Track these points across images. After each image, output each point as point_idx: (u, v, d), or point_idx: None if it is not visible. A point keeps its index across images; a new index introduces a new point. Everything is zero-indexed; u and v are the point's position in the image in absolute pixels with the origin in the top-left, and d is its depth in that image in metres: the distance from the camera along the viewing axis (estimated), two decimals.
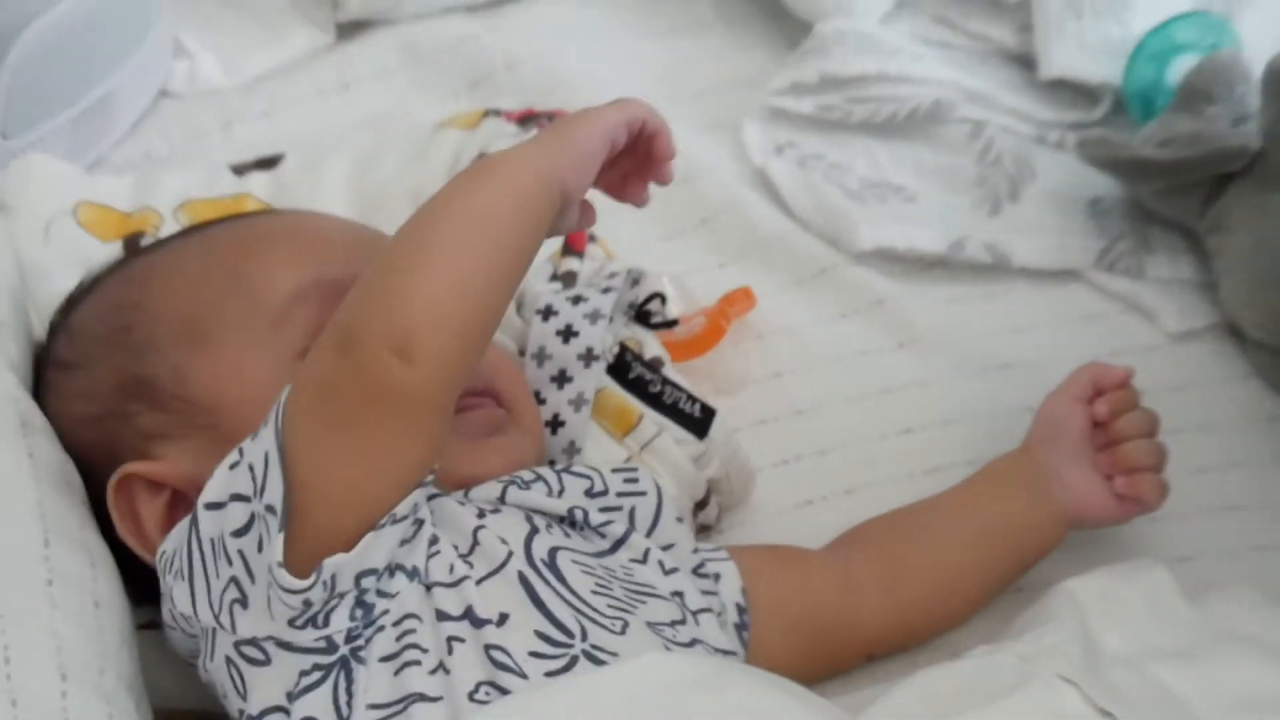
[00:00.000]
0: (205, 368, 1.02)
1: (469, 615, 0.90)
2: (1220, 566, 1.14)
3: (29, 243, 1.19)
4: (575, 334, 1.13)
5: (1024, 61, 1.42)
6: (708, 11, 1.46)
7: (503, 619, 0.91)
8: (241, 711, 0.91)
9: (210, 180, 1.24)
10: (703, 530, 1.18)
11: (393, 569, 0.90)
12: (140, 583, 1.02)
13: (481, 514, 0.98)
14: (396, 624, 0.89)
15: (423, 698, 0.87)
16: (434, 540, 0.92)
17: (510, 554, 0.94)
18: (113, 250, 1.17)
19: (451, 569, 0.92)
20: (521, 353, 1.16)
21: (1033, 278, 1.32)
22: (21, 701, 0.91)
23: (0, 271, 1.15)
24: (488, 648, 0.89)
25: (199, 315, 1.04)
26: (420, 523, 0.92)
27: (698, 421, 1.14)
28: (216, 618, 0.89)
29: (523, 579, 0.94)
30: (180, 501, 0.99)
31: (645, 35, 1.44)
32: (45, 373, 1.10)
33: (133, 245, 1.17)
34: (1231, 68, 1.31)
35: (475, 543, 0.94)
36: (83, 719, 0.90)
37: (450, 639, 0.89)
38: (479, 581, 0.92)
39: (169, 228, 1.20)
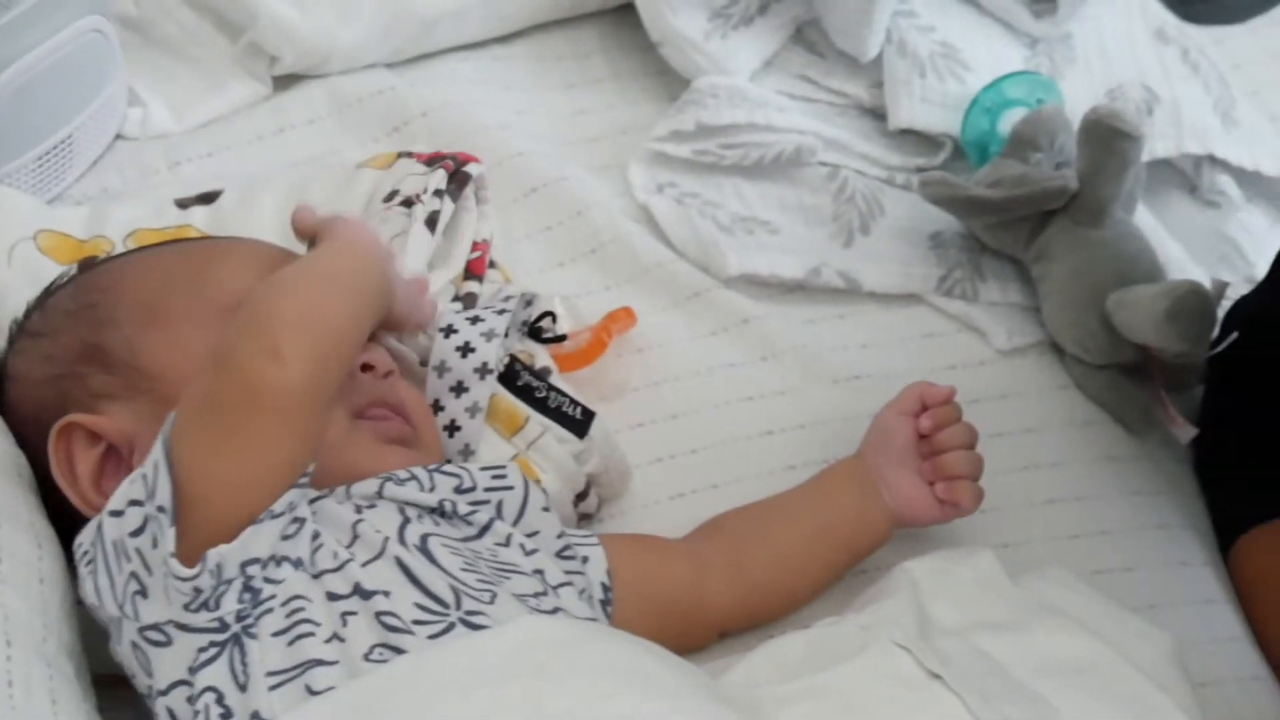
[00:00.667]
0: (157, 342, 1.05)
1: (358, 590, 0.93)
2: (1039, 551, 1.21)
3: None
4: (472, 350, 1.16)
5: (875, 114, 1.45)
6: (601, 68, 1.49)
7: (387, 594, 0.94)
8: (150, 688, 0.93)
9: (157, 212, 1.26)
10: (584, 519, 1.20)
11: (278, 559, 0.92)
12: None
13: (359, 509, 1.00)
14: (285, 604, 0.91)
15: (320, 662, 0.89)
16: (316, 535, 0.95)
17: (386, 539, 0.97)
18: (68, 270, 1.17)
19: (335, 555, 0.94)
20: (423, 364, 1.17)
21: (880, 301, 1.36)
22: None
23: None
24: (378, 614, 0.92)
25: (158, 301, 1.07)
26: (302, 520, 0.95)
27: (578, 423, 1.18)
28: (120, 609, 0.92)
29: (399, 562, 0.96)
30: (112, 456, 1.03)
31: (547, 88, 1.46)
32: (15, 340, 1.12)
33: (86, 268, 1.17)
34: (1054, 120, 1.35)
35: (355, 535, 0.97)
36: (25, 679, 0.91)
37: (344, 614, 0.92)
38: (363, 565, 0.95)
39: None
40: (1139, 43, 1.54)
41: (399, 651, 0.91)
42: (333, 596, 0.93)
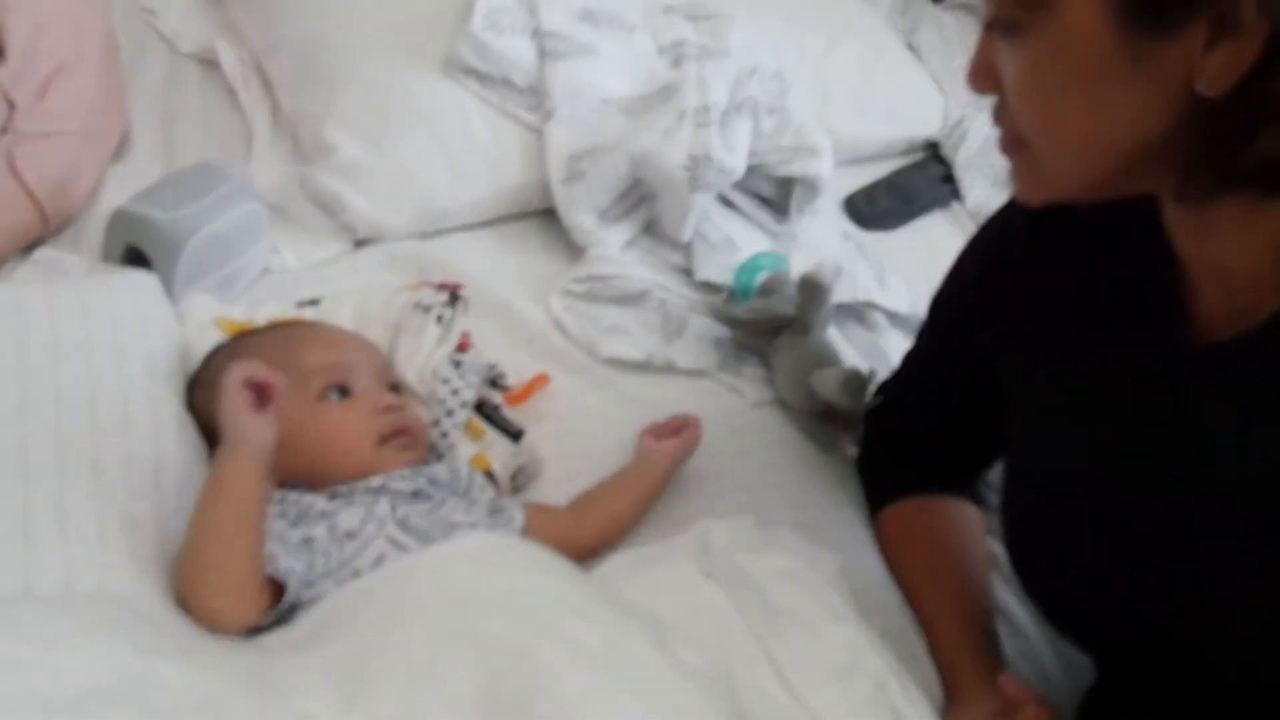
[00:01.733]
0: None
1: (355, 575, 0.94)
2: (770, 514, 1.19)
3: (191, 337, 1.18)
4: (457, 392, 1.18)
5: (686, 271, 1.47)
6: (536, 241, 1.49)
7: (379, 559, 0.96)
8: None
9: (285, 309, 1.28)
10: (515, 490, 1.19)
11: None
12: None
13: (369, 507, 0.99)
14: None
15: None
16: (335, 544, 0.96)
17: (383, 522, 0.98)
18: (225, 340, 1.18)
19: (343, 563, 0.95)
20: (431, 396, 1.19)
21: (686, 374, 1.36)
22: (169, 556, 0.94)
23: (177, 345, 1.15)
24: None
25: (268, 365, 1.03)
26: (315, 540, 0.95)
27: (515, 434, 1.20)
28: None
29: (389, 539, 0.97)
30: None
31: (507, 252, 1.46)
32: (193, 386, 1.11)
33: (237, 338, 1.17)
34: (784, 279, 1.38)
35: (361, 525, 0.97)
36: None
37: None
38: (362, 550, 0.96)
39: None
40: (834, 238, 1.57)
41: None
42: (339, 584, 0.94)
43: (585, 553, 1.11)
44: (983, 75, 0.82)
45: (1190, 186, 0.78)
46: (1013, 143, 0.83)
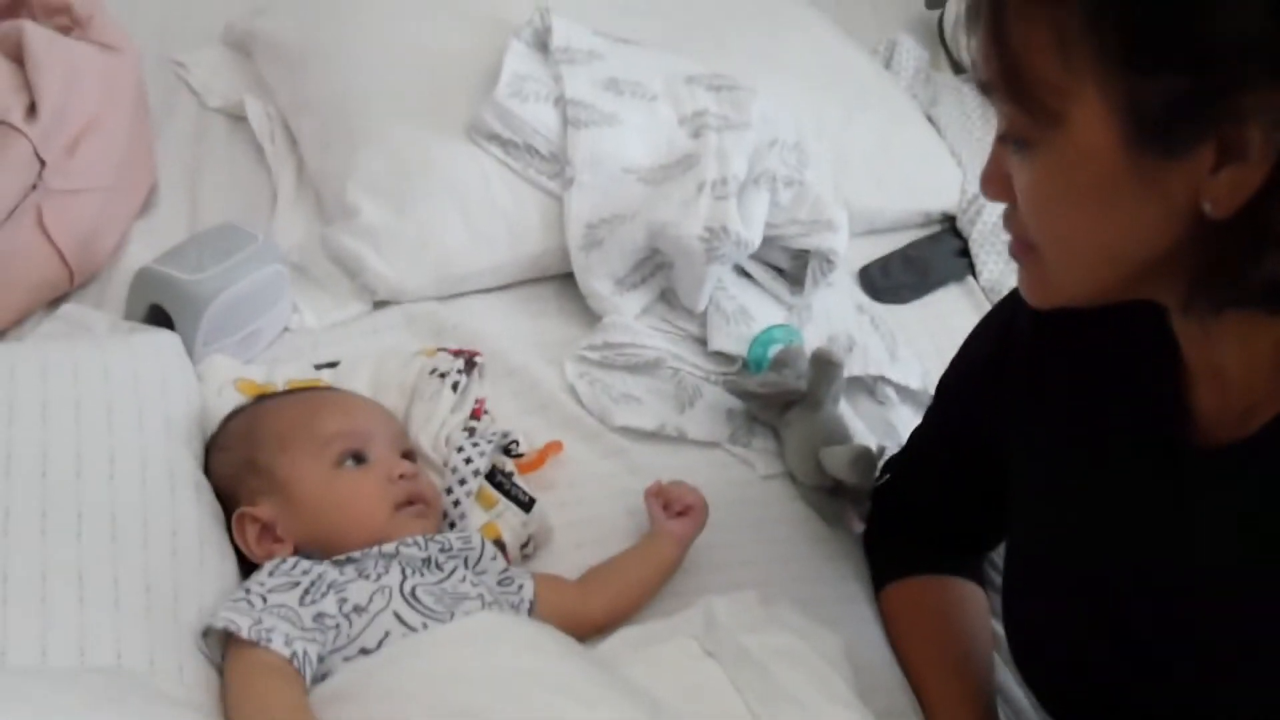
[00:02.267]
0: (283, 462, 1.06)
1: (361, 652, 0.94)
2: (776, 589, 1.18)
3: (210, 397, 1.19)
4: (471, 462, 1.19)
5: (700, 341, 1.46)
6: (553, 306, 1.49)
7: (384, 638, 0.95)
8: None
9: (303, 370, 1.29)
10: (525, 559, 1.19)
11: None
12: (248, 571, 1.03)
13: (379, 577, 0.99)
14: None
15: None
16: (338, 625, 0.95)
17: (390, 598, 0.97)
18: (244, 404, 1.18)
19: (348, 637, 0.94)
20: (445, 465, 1.20)
21: (697, 445, 1.36)
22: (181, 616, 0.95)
23: (197, 408, 1.16)
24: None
25: (285, 435, 1.08)
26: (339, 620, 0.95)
27: (525, 504, 1.20)
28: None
29: (396, 614, 0.96)
30: (268, 529, 1.04)
31: (523, 315, 1.47)
32: (211, 450, 1.12)
33: (256, 401, 1.18)
34: (797, 353, 1.39)
35: (370, 600, 0.97)
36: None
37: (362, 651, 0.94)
38: (369, 625, 0.95)
39: None
40: (847, 311, 1.57)
41: None
42: (346, 660, 0.94)
43: (592, 629, 1.11)
44: (995, 183, 0.84)
45: (1196, 301, 0.79)
46: (1022, 248, 0.85)
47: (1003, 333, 1.07)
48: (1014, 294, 1.08)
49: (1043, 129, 0.75)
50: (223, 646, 0.94)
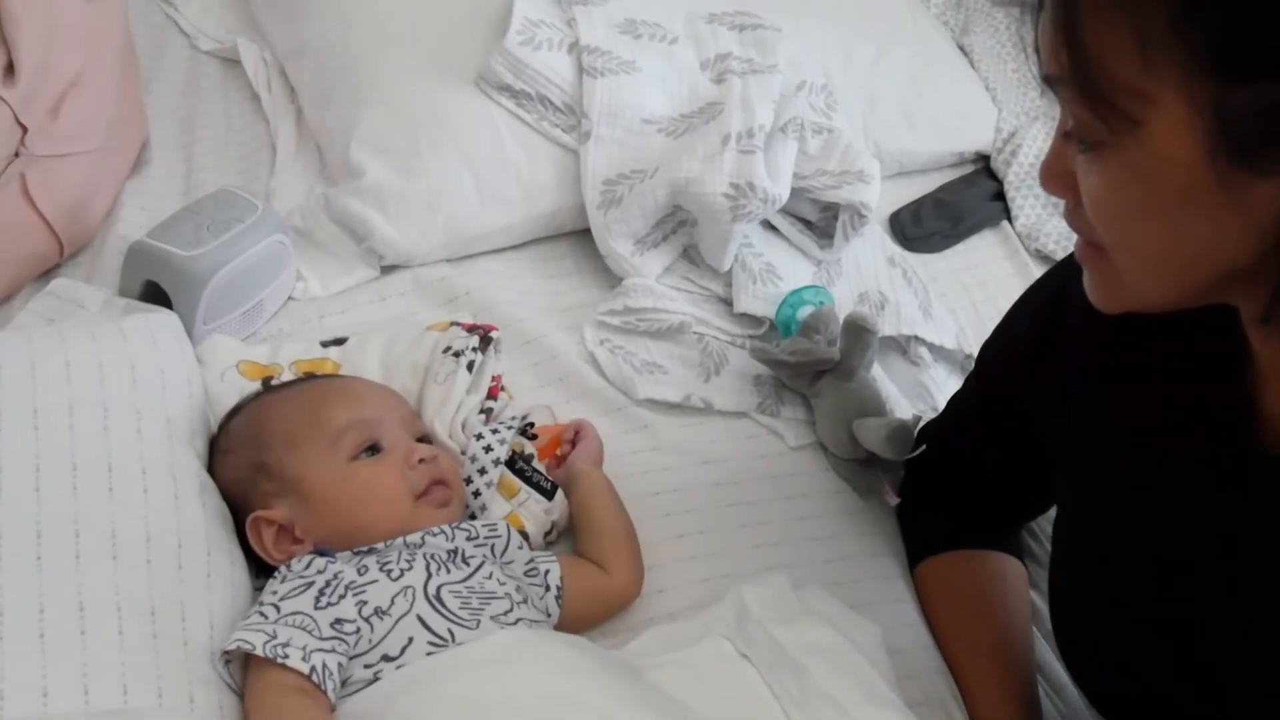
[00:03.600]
0: (295, 461, 1.02)
1: (384, 659, 0.90)
2: (806, 572, 1.17)
3: (212, 383, 1.15)
4: (490, 450, 1.15)
5: (725, 302, 1.42)
6: (570, 267, 1.44)
7: (408, 645, 0.91)
8: None
9: (309, 349, 1.24)
10: (549, 545, 1.16)
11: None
12: (261, 568, 1.02)
13: (402, 574, 0.95)
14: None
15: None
16: (357, 629, 0.91)
17: (413, 600, 0.93)
18: (255, 386, 1.16)
19: (370, 641, 0.91)
20: (462, 453, 1.15)
21: (723, 415, 1.32)
22: (190, 637, 0.92)
23: (198, 400, 1.11)
24: (399, 667, 0.90)
25: (294, 432, 1.04)
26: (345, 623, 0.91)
27: (548, 491, 1.17)
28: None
29: (419, 618, 0.93)
30: (285, 531, 1.01)
31: (538, 277, 1.42)
32: (214, 455, 1.07)
33: (266, 384, 1.17)
34: (828, 317, 1.34)
35: (392, 601, 0.94)
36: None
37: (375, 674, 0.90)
38: (391, 629, 0.91)
39: (285, 375, 1.19)
40: (878, 265, 1.52)
41: None
42: (367, 666, 0.91)
43: (626, 601, 1.10)
44: (1057, 179, 0.78)
45: (1277, 313, 0.74)
46: (1090, 251, 0.79)
47: (1052, 308, 1.01)
48: (1064, 264, 1.03)
49: (1116, 134, 0.69)
50: (243, 670, 0.90)
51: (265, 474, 1.03)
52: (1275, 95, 0.63)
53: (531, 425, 1.22)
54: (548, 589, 1.04)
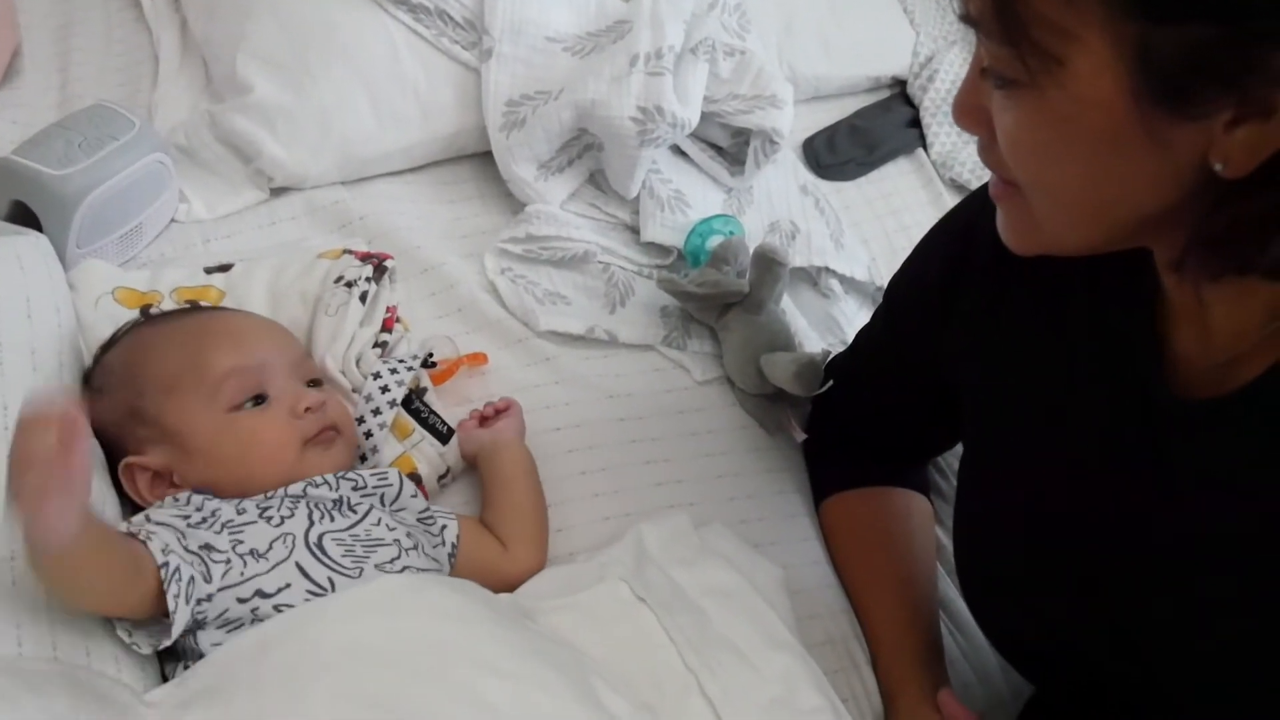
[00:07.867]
0: (172, 408, 0.98)
1: (258, 593, 0.88)
2: (709, 510, 1.16)
3: (85, 310, 1.11)
4: (387, 390, 1.11)
5: (632, 230, 1.39)
6: (471, 192, 1.40)
7: (286, 588, 0.89)
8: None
9: (191, 275, 1.19)
10: (444, 488, 1.13)
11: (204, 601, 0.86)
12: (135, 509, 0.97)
13: (283, 520, 0.93)
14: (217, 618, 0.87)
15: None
16: (228, 562, 0.89)
17: (293, 547, 0.91)
18: (133, 314, 1.12)
19: (241, 574, 0.88)
20: (355, 391, 1.12)
21: (629, 348, 1.30)
22: None
23: (69, 329, 1.07)
24: (276, 606, 0.88)
25: (171, 376, 0.99)
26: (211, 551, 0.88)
27: (444, 435, 1.14)
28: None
29: (299, 565, 0.91)
30: (160, 476, 0.97)
31: (437, 202, 1.38)
32: (85, 391, 1.03)
33: (144, 313, 1.12)
34: (738, 247, 1.32)
35: (270, 546, 0.91)
36: None
37: (253, 609, 0.88)
38: (266, 572, 0.89)
39: (166, 304, 1.15)
40: (790, 193, 1.49)
41: None
42: (241, 600, 0.89)
43: (518, 583, 1.05)
44: (971, 115, 0.75)
45: (1191, 262, 0.72)
46: (1004, 189, 0.77)
47: (961, 243, 1.00)
48: (975, 196, 1.01)
49: (1035, 72, 0.66)
50: None
51: (140, 420, 0.98)
52: (1203, 36, 0.61)
53: (431, 356, 1.19)
54: (443, 543, 1.01)
